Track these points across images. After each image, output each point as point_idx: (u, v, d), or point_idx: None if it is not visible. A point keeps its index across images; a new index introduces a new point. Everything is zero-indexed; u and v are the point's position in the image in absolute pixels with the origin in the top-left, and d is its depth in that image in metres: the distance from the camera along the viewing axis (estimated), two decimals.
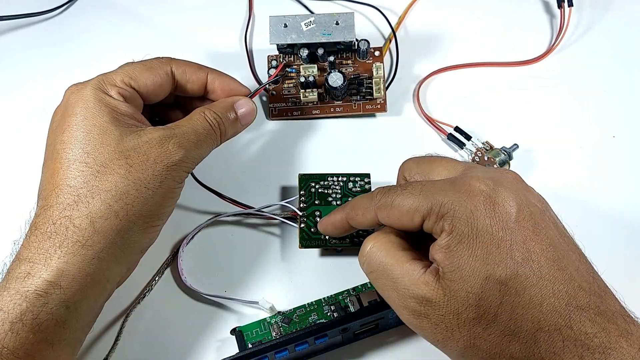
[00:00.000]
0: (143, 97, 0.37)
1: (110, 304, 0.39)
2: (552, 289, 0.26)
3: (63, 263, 0.31)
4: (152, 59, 0.38)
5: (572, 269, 0.27)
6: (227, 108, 0.38)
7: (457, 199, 0.28)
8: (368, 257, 0.31)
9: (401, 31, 0.50)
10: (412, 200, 0.30)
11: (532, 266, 0.27)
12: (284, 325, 0.37)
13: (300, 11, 0.50)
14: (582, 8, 0.50)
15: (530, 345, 0.26)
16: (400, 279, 0.29)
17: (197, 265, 0.41)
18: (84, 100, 0.34)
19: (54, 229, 0.31)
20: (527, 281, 0.26)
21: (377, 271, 0.31)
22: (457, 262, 0.27)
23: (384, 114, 0.46)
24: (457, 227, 0.28)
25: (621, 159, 0.44)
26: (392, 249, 0.30)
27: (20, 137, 0.46)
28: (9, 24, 0.51)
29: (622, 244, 0.41)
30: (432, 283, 0.28)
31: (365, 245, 0.32)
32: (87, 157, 0.32)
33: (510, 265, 0.27)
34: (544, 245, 0.27)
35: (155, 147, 0.33)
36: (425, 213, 0.29)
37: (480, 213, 0.28)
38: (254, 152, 0.45)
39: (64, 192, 0.32)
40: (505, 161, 0.42)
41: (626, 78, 0.47)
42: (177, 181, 0.35)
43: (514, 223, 0.28)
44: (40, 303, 0.30)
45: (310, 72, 0.45)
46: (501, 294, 0.27)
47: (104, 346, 0.38)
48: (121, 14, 0.51)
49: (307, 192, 0.40)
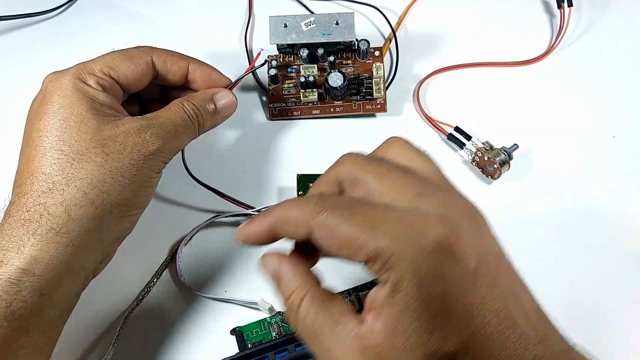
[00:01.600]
0: (122, 87, 0.37)
1: (109, 306, 0.39)
2: (502, 351, 0.24)
3: (37, 250, 0.30)
4: (132, 48, 0.38)
5: (523, 321, 0.24)
6: (206, 100, 0.38)
7: (409, 250, 0.23)
8: (302, 319, 0.26)
9: (401, 31, 0.50)
10: (359, 235, 0.24)
11: (485, 332, 0.23)
12: (283, 325, 0.37)
13: (300, 11, 0.50)
14: (581, 8, 0.50)
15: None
16: (332, 345, 0.25)
17: (196, 266, 0.41)
18: (62, 89, 0.34)
19: (28, 216, 0.31)
20: (477, 350, 0.23)
21: (311, 338, 0.26)
22: (400, 329, 0.23)
23: (384, 114, 0.46)
24: (405, 286, 0.23)
25: (621, 159, 0.44)
26: (325, 303, 0.26)
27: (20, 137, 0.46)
28: (9, 24, 0.51)
29: (623, 244, 0.41)
30: (370, 354, 0.24)
31: (294, 302, 0.26)
32: (63, 144, 0.32)
33: (463, 336, 0.23)
34: (498, 304, 0.24)
35: (132, 136, 0.33)
36: (371, 256, 0.24)
37: (435, 275, 0.23)
38: (253, 152, 0.45)
39: (38, 180, 0.32)
40: (506, 161, 0.42)
41: (626, 78, 0.47)
42: (153, 170, 0.35)
43: (472, 284, 0.24)
44: (14, 291, 0.30)
45: (310, 72, 0.45)
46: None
47: (103, 348, 0.38)
48: (121, 14, 0.52)
49: (306, 192, 0.40)
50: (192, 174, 0.41)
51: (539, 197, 0.42)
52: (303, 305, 0.26)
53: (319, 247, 0.26)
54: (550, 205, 0.42)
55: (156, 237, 0.36)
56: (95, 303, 0.34)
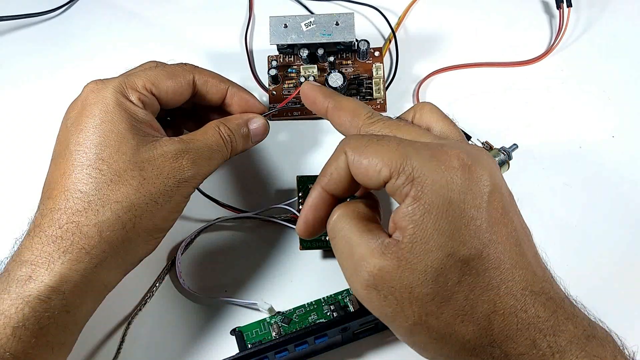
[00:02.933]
0: (161, 103, 0.36)
1: (112, 312, 0.39)
2: (512, 273, 0.26)
3: (66, 269, 0.31)
4: (175, 65, 0.37)
5: (530, 256, 0.27)
6: (241, 125, 0.38)
7: (433, 166, 0.27)
8: (333, 224, 0.30)
9: (401, 31, 0.50)
10: (386, 152, 0.27)
11: (497, 248, 0.26)
12: (283, 325, 0.37)
13: (300, 11, 0.50)
14: (580, 8, 0.50)
15: (484, 326, 0.26)
16: (357, 247, 0.28)
17: (196, 269, 0.41)
18: (104, 103, 0.33)
19: (60, 233, 0.31)
20: (489, 263, 0.26)
21: (338, 238, 0.29)
22: (420, 233, 0.26)
23: (384, 114, 0.46)
24: (426, 195, 0.26)
25: (620, 159, 0.44)
26: (356, 218, 0.29)
27: (20, 137, 0.47)
28: (9, 24, 0.51)
29: (623, 244, 0.41)
30: (389, 253, 0.27)
31: (332, 212, 0.30)
32: (102, 163, 0.32)
33: (476, 245, 0.26)
34: (510, 229, 0.27)
35: (169, 161, 0.33)
36: (395, 171, 0.27)
37: (455, 186, 0.26)
38: (253, 152, 0.45)
39: (74, 197, 0.32)
40: (505, 161, 0.42)
41: (625, 78, 0.47)
42: (184, 196, 0.35)
43: (486, 203, 0.26)
44: (43, 308, 0.30)
45: (310, 73, 0.45)
46: (461, 273, 0.26)
47: (108, 354, 0.39)
48: (121, 14, 0.52)
49: (306, 194, 0.40)
50: None
51: (538, 197, 0.43)
52: (345, 208, 0.30)
53: (355, 173, 0.29)
54: (550, 205, 0.42)
55: None
56: (100, 308, 0.34)
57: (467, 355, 0.27)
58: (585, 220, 0.42)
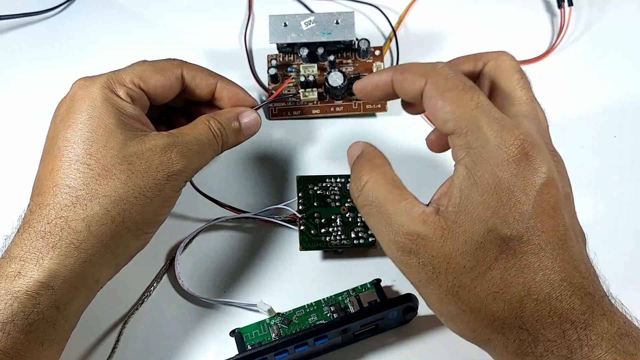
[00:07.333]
0: (150, 98, 0.36)
1: (108, 311, 0.39)
2: (552, 264, 0.26)
3: (55, 264, 0.30)
4: (163, 61, 0.37)
5: (576, 253, 0.27)
6: (231, 118, 0.38)
7: (495, 143, 0.26)
8: (364, 190, 0.30)
9: (402, 30, 0.49)
10: (461, 108, 0.27)
11: (540, 237, 0.26)
12: (283, 326, 0.37)
13: (300, 10, 0.50)
14: (580, 7, 0.49)
15: (515, 307, 0.26)
16: (396, 215, 0.28)
17: (195, 269, 0.41)
18: (92, 98, 0.33)
19: (49, 228, 0.31)
20: (529, 248, 0.26)
21: (371, 205, 0.29)
22: (466, 203, 0.26)
23: (384, 113, 0.46)
24: (479, 168, 0.26)
25: (622, 158, 0.44)
26: (389, 185, 0.29)
27: (20, 137, 0.46)
28: (8, 23, 0.51)
29: (623, 244, 0.41)
30: (431, 222, 0.27)
31: (360, 177, 0.30)
32: (90, 158, 0.32)
33: (518, 227, 0.26)
34: (557, 223, 0.27)
35: (158, 154, 0.33)
36: (459, 129, 0.27)
37: (509, 168, 0.26)
38: (252, 152, 0.45)
39: (62, 192, 0.32)
40: None
41: (626, 77, 0.47)
42: (175, 190, 0.35)
43: (536, 192, 0.26)
44: (32, 304, 0.30)
45: (310, 72, 0.45)
46: (499, 250, 0.26)
47: (103, 353, 0.38)
48: (120, 13, 0.51)
49: (306, 194, 0.40)
50: (191, 180, 0.41)
51: None
52: (375, 175, 0.30)
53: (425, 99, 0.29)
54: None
55: (155, 241, 0.36)
56: (96, 307, 0.34)
57: (495, 333, 0.27)
58: (587, 220, 0.41)
